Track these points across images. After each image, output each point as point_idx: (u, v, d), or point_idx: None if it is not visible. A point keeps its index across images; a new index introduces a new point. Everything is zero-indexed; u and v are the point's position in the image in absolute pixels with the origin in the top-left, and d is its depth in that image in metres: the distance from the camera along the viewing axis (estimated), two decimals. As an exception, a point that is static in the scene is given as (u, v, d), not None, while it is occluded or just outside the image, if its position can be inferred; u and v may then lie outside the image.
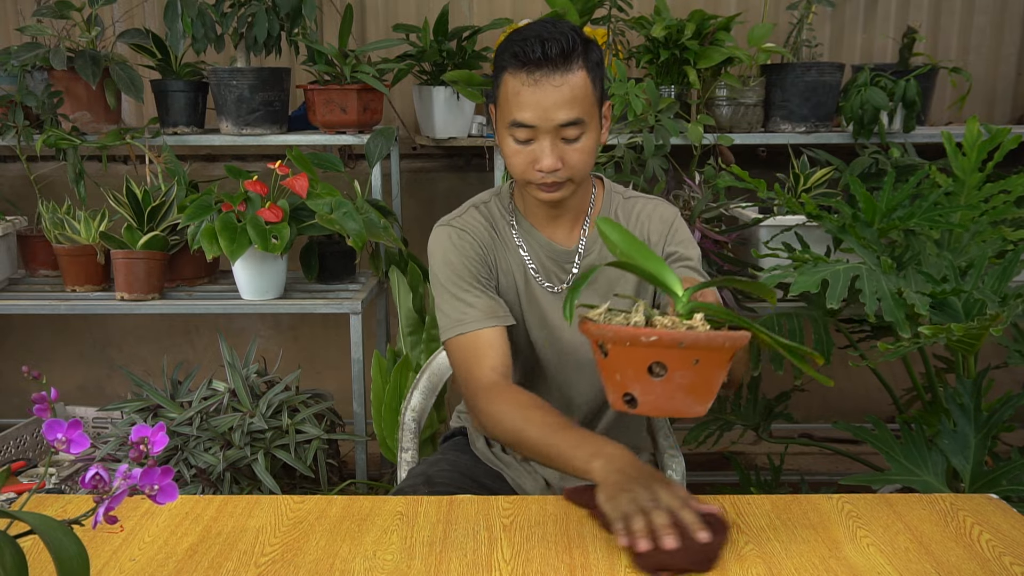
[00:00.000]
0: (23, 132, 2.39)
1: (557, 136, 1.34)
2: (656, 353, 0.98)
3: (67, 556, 0.75)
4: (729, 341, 0.99)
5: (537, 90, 1.31)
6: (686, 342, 0.97)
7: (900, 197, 1.92)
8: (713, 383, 1.02)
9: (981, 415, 1.69)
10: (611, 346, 1.01)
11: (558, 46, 1.29)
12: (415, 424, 1.78)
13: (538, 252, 1.50)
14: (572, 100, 1.31)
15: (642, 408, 1.02)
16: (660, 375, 0.99)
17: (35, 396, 0.83)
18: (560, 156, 1.34)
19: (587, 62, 1.33)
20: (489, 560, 1.08)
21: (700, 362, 0.99)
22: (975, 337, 1.66)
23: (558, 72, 1.31)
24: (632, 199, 1.54)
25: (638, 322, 1.03)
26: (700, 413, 1.03)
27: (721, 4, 2.88)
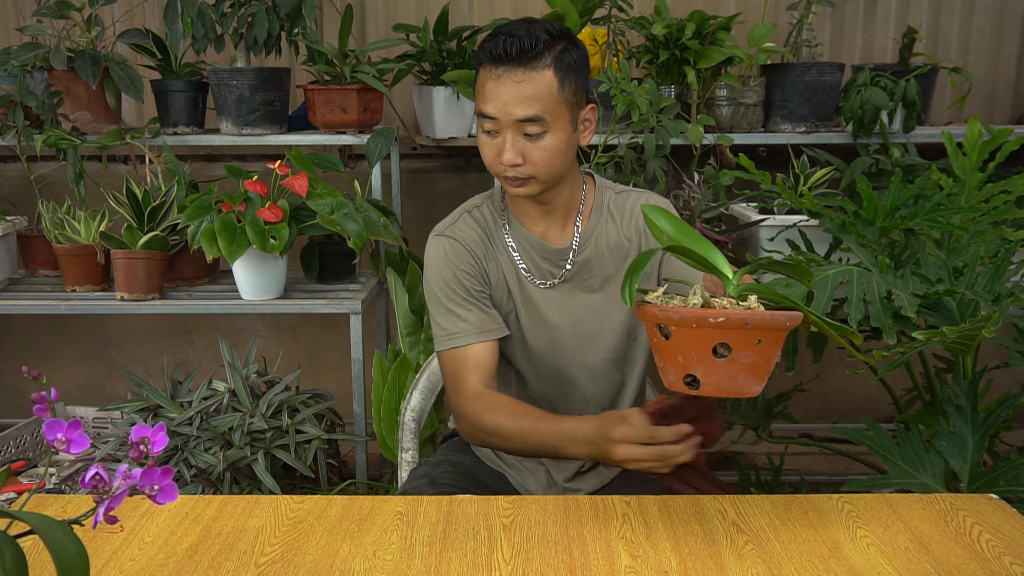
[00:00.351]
0: (23, 132, 2.39)
1: (518, 131, 1.36)
2: (722, 334, 1.01)
3: (67, 556, 0.75)
4: (790, 320, 1.03)
5: (499, 85, 1.35)
6: (752, 322, 1.01)
7: (905, 196, 1.92)
8: (771, 362, 1.06)
9: (978, 416, 1.69)
10: (675, 328, 1.04)
11: (521, 44, 1.33)
12: (415, 424, 1.78)
13: (529, 252, 1.51)
14: (532, 97, 1.34)
15: (704, 389, 1.05)
16: (724, 356, 1.02)
17: (35, 396, 0.83)
18: (521, 152, 1.37)
19: (557, 63, 1.35)
20: (489, 560, 1.08)
21: (762, 342, 1.02)
22: (969, 338, 1.66)
23: (520, 69, 1.34)
24: (623, 193, 1.55)
25: (696, 304, 1.05)
26: (756, 392, 1.06)
27: (721, 4, 2.88)
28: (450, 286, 1.49)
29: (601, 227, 1.52)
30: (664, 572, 1.06)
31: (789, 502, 1.24)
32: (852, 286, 1.73)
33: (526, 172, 1.39)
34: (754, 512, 1.21)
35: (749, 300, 1.06)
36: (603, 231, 1.52)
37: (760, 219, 2.24)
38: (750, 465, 2.84)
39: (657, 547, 1.12)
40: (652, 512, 1.21)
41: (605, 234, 1.52)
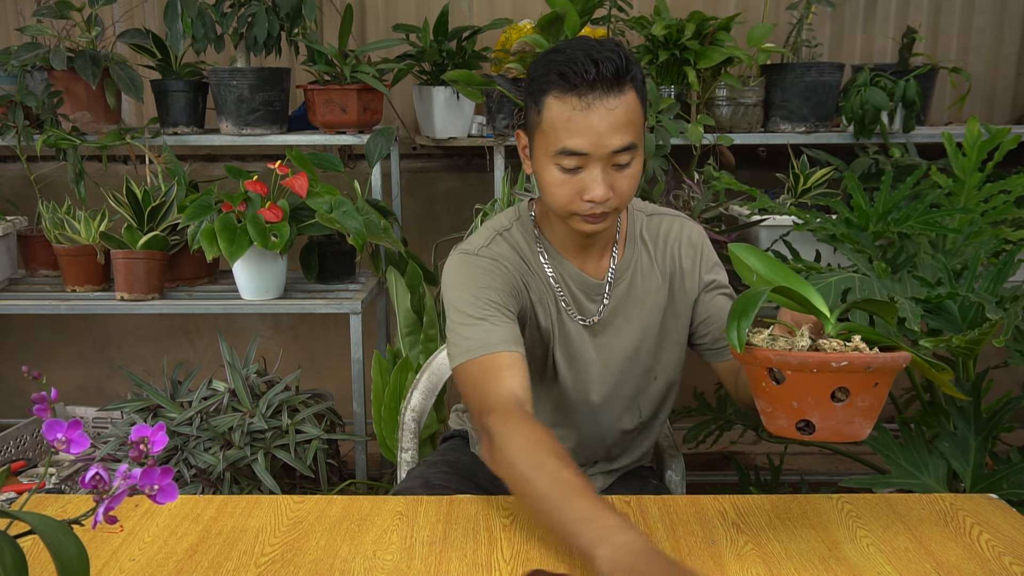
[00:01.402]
0: (23, 132, 2.39)
1: (609, 163, 1.24)
2: (843, 378, 0.98)
3: (67, 556, 0.75)
4: (905, 361, 1.01)
5: (590, 114, 1.20)
6: (874, 365, 0.98)
7: (897, 198, 1.92)
8: (882, 403, 1.03)
9: (981, 417, 1.69)
10: (791, 372, 0.99)
11: (612, 66, 1.20)
12: (415, 424, 1.78)
13: (569, 284, 1.41)
14: (627, 124, 1.22)
15: (819, 434, 1.01)
16: (842, 400, 0.99)
17: (35, 396, 0.83)
18: (611, 184, 1.25)
19: (635, 82, 1.24)
20: (489, 560, 1.08)
21: (879, 384, 1.00)
22: (975, 343, 1.66)
23: (612, 94, 1.21)
24: (655, 216, 1.47)
25: (804, 347, 1.02)
26: (866, 436, 1.03)
27: (721, 4, 2.88)
28: (478, 296, 1.33)
29: (636, 258, 1.44)
30: (664, 572, 1.06)
31: (789, 502, 1.24)
32: (855, 293, 1.71)
33: (612, 205, 1.26)
34: (754, 512, 1.21)
35: (855, 340, 1.02)
36: (638, 262, 1.44)
37: (759, 219, 2.24)
38: (750, 465, 2.84)
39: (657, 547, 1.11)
40: (652, 512, 1.21)
41: (640, 265, 1.44)
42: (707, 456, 2.92)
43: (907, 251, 1.90)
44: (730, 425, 2.47)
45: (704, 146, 2.38)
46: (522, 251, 1.41)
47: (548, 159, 1.26)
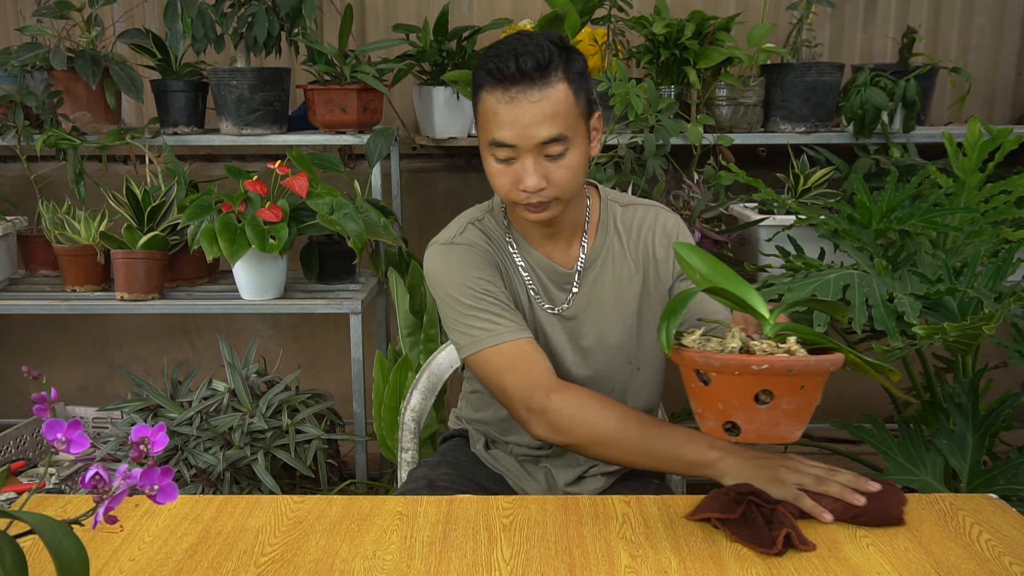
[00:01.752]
0: (23, 132, 2.39)
1: (540, 154, 1.27)
2: (765, 381, 0.98)
3: (67, 556, 0.75)
4: (833, 364, 1.00)
5: (515, 107, 1.25)
6: (796, 368, 0.97)
7: (900, 197, 1.92)
8: (813, 406, 1.02)
9: (979, 415, 1.69)
10: (716, 375, 1.00)
11: (533, 60, 1.23)
12: (415, 424, 1.78)
13: (538, 272, 1.45)
14: (553, 116, 1.25)
15: (745, 436, 1.01)
16: (766, 402, 0.99)
17: (35, 396, 0.83)
18: (544, 174, 1.28)
19: (568, 73, 1.26)
20: (489, 560, 1.08)
21: (805, 387, 0.99)
22: (971, 337, 1.66)
23: (536, 87, 1.24)
24: (630, 207, 1.48)
25: (734, 348, 1.02)
26: (797, 437, 1.03)
27: (721, 4, 2.88)
28: (474, 290, 1.37)
29: (608, 247, 1.45)
30: (664, 572, 1.06)
31: (789, 502, 1.24)
32: (854, 290, 1.71)
33: (549, 195, 1.30)
34: (754, 512, 1.21)
35: (788, 342, 1.02)
36: (610, 251, 1.45)
37: (759, 219, 2.24)
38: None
39: (657, 547, 1.12)
40: (652, 512, 1.21)
41: (612, 254, 1.45)
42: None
43: (908, 249, 1.91)
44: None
45: (704, 146, 2.38)
46: (494, 240, 1.45)
47: (486, 151, 1.31)
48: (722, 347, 1.03)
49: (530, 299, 1.45)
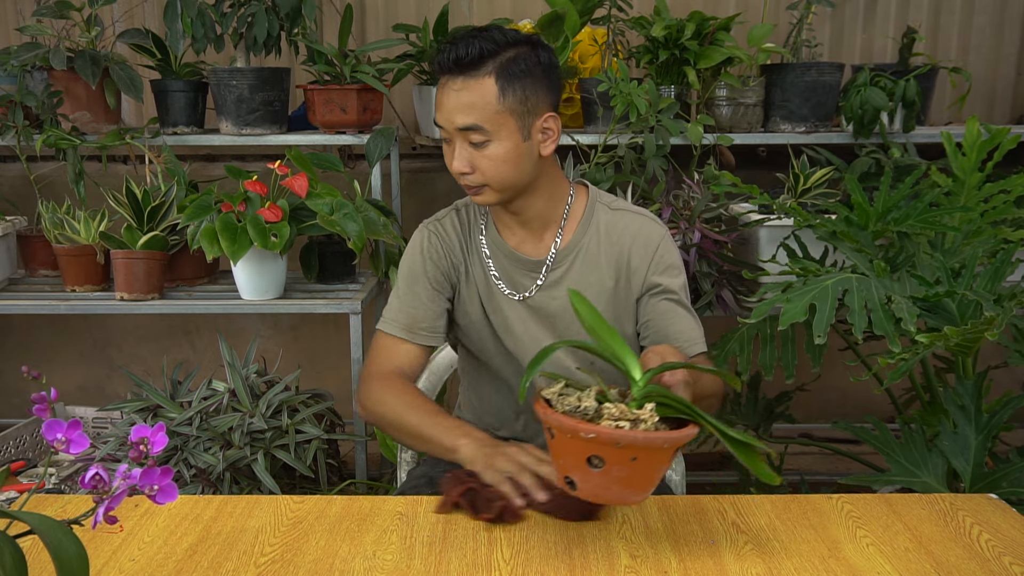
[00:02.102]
0: (23, 132, 2.39)
1: (464, 140, 1.37)
2: (595, 448, 1.01)
3: (67, 556, 0.75)
4: (668, 442, 1.02)
5: (443, 93, 1.36)
6: (623, 442, 0.99)
7: (896, 198, 1.92)
8: (652, 477, 1.05)
9: (981, 416, 1.69)
10: (555, 431, 1.04)
11: (463, 51, 1.33)
12: (415, 424, 1.78)
13: (501, 259, 1.50)
14: (470, 106, 1.34)
15: (580, 493, 1.05)
16: (599, 467, 1.02)
17: (35, 396, 0.83)
18: (469, 160, 1.37)
19: (499, 70, 1.34)
20: (489, 560, 1.08)
21: (638, 459, 1.01)
22: (972, 340, 1.66)
23: (459, 77, 1.34)
24: (618, 211, 1.50)
25: (588, 407, 1.06)
26: (637, 502, 1.07)
27: (721, 4, 2.88)
28: (414, 273, 1.51)
29: (585, 243, 1.48)
30: (664, 572, 1.06)
31: (789, 502, 1.24)
32: (853, 294, 1.71)
33: (477, 180, 1.39)
34: (754, 512, 1.21)
35: (644, 409, 1.04)
36: (585, 249, 1.48)
37: (760, 219, 2.24)
38: (750, 465, 2.84)
39: (657, 547, 1.12)
40: (652, 512, 1.21)
41: (587, 252, 1.48)
42: (707, 456, 2.92)
43: (906, 250, 1.90)
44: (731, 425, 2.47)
45: (704, 146, 2.38)
46: (469, 224, 1.54)
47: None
48: (578, 403, 1.07)
49: (489, 281, 1.50)
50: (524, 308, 1.49)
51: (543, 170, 1.44)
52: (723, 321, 2.28)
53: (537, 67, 1.37)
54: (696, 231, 2.16)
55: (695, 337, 1.46)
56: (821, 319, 1.67)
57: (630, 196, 2.20)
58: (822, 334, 1.66)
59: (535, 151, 1.40)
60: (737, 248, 2.38)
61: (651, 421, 1.03)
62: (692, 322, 1.47)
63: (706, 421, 1.05)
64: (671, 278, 1.47)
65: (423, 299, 1.50)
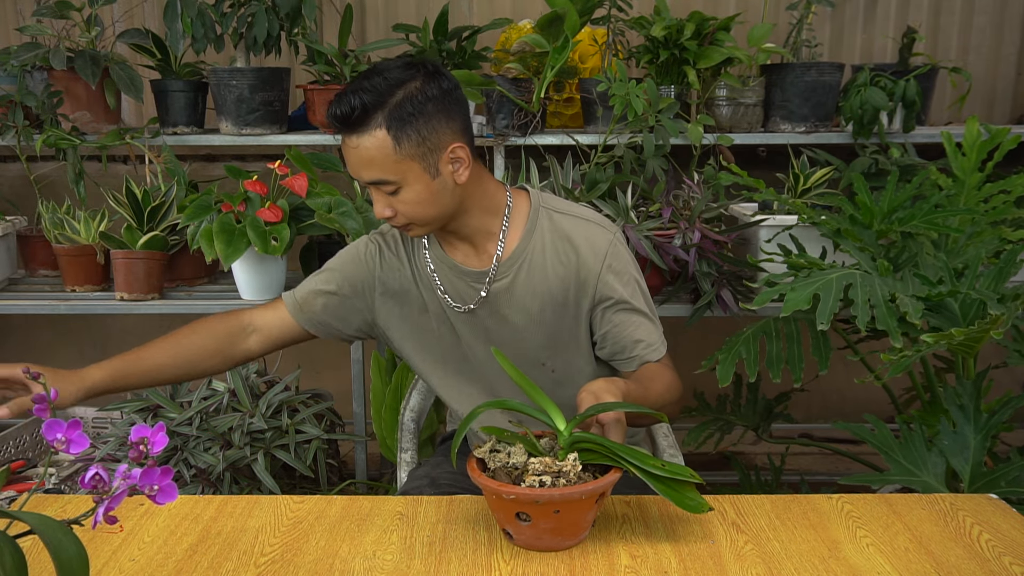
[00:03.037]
0: (23, 132, 2.39)
1: (378, 190, 1.35)
2: (519, 506, 1.07)
3: (67, 556, 0.75)
4: (586, 494, 1.08)
5: (345, 149, 1.33)
6: (542, 499, 1.06)
7: (902, 198, 1.92)
8: (579, 523, 1.11)
9: (981, 416, 1.69)
10: (484, 492, 1.11)
11: (348, 107, 1.28)
12: (414, 424, 1.78)
13: (447, 273, 1.48)
14: (369, 162, 1.31)
15: (517, 544, 1.12)
16: (527, 521, 1.08)
17: (35, 396, 0.83)
18: (388, 204, 1.36)
19: (389, 120, 1.29)
20: (489, 560, 1.08)
21: (561, 512, 1.07)
22: (976, 340, 1.66)
23: (353, 134, 1.31)
24: (563, 216, 1.47)
25: (516, 464, 1.13)
26: (571, 546, 1.12)
27: (721, 4, 2.88)
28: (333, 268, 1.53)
29: (528, 253, 1.45)
30: (664, 572, 1.06)
31: (789, 502, 1.24)
32: (856, 289, 1.71)
33: (401, 221, 1.38)
34: (754, 512, 1.21)
35: (567, 460, 1.11)
36: (530, 257, 1.45)
37: (759, 219, 2.24)
38: (750, 465, 2.84)
39: (657, 547, 1.12)
40: (652, 512, 1.21)
41: (531, 260, 1.45)
42: (707, 456, 2.92)
43: (909, 250, 1.90)
44: (730, 426, 2.47)
45: (704, 146, 2.38)
46: (413, 243, 1.52)
47: None
48: (508, 459, 1.14)
49: (438, 298, 1.49)
50: (468, 318, 1.48)
51: (467, 192, 1.39)
52: (723, 321, 2.28)
53: (428, 103, 1.31)
54: (696, 231, 2.16)
55: (653, 342, 1.46)
56: (825, 308, 1.69)
57: (630, 196, 2.20)
58: (825, 321, 1.67)
59: (449, 183, 1.36)
60: (737, 248, 2.38)
61: (574, 472, 1.10)
62: (649, 327, 1.46)
63: (628, 464, 1.11)
64: (623, 285, 1.45)
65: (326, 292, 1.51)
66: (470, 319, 1.48)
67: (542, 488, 1.07)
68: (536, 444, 1.15)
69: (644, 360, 1.45)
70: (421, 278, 1.49)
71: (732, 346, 1.88)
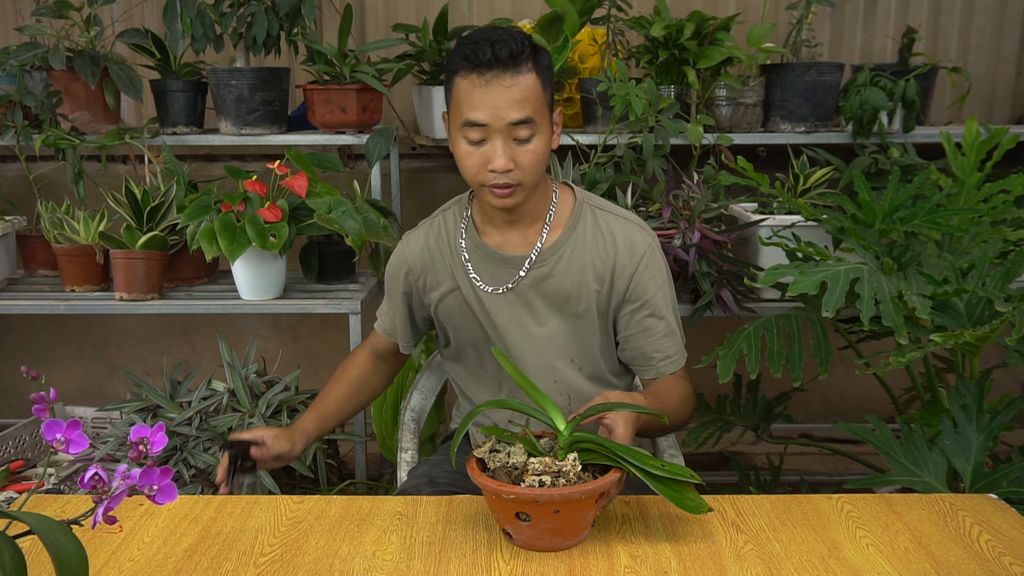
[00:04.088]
0: (22, 132, 2.39)
1: (509, 136, 1.36)
2: (519, 506, 1.09)
3: (66, 556, 0.75)
4: (586, 494, 1.08)
5: (488, 90, 1.34)
6: (542, 499, 1.06)
7: (903, 198, 1.92)
8: (579, 523, 1.11)
9: (983, 416, 1.68)
10: (484, 492, 1.12)
11: (507, 48, 1.33)
12: (415, 424, 1.79)
13: (481, 259, 1.50)
14: (523, 100, 1.34)
15: (516, 543, 1.12)
16: (527, 520, 1.08)
17: (34, 396, 0.83)
18: (512, 156, 1.36)
19: (537, 66, 1.36)
20: (489, 560, 1.08)
21: (561, 512, 1.07)
22: (983, 340, 1.66)
23: (508, 73, 1.34)
24: (606, 214, 1.51)
25: (515, 463, 1.13)
26: (570, 547, 1.12)
27: (721, 4, 2.88)
28: (389, 285, 1.62)
29: (570, 245, 1.48)
30: (664, 572, 1.06)
31: (789, 502, 1.24)
32: (863, 284, 1.71)
33: (516, 178, 1.38)
34: (754, 512, 1.21)
35: (567, 460, 1.11)
36: (571, 250, 1.48)
37: (759, 219, 2.24)
38: (750, 465, 2.84)
39: (657, 547, 1.12)
40: (652, 512, 1.21)
41: (571, 253, 1.48)
42: (707, 456, 2.92)
43: (913, 250, 1.91)
44: (730, 426, 2.47)
45: (704, 146, 2.38)
46: (448, 228, 1.55)
47: (457, 133, 1.39)
48: (508, 459, 1.14)
49: (472, 284, 1.51)
50: (507, 300, 1.50)
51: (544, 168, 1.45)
52: (723, 321, 2.28)
53: (551, 63, 1.41)
54: (696, 231, 2.16)
55: (673, 354, 1.49)
56: (831, 297, 1.69)
57: (630, 196, 2.20)
58: (831, 310, 1.67)
59: (550, 146, 1.42)
60: (737, 248, 2.38)
61: (574, 471, 1.10)
62: (673, 337, 1.49)
63: (628, 464, 1.11)
64: (655, 290, 1.48)
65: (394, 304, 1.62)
66: (503, 300, 1.50)
67: (542, 488, 1.07)
68: (536, 444, 1.16)
69: (662, 371, 1.49)
70: (456, 266, 1.53)
71: (733, 342, 1.88)
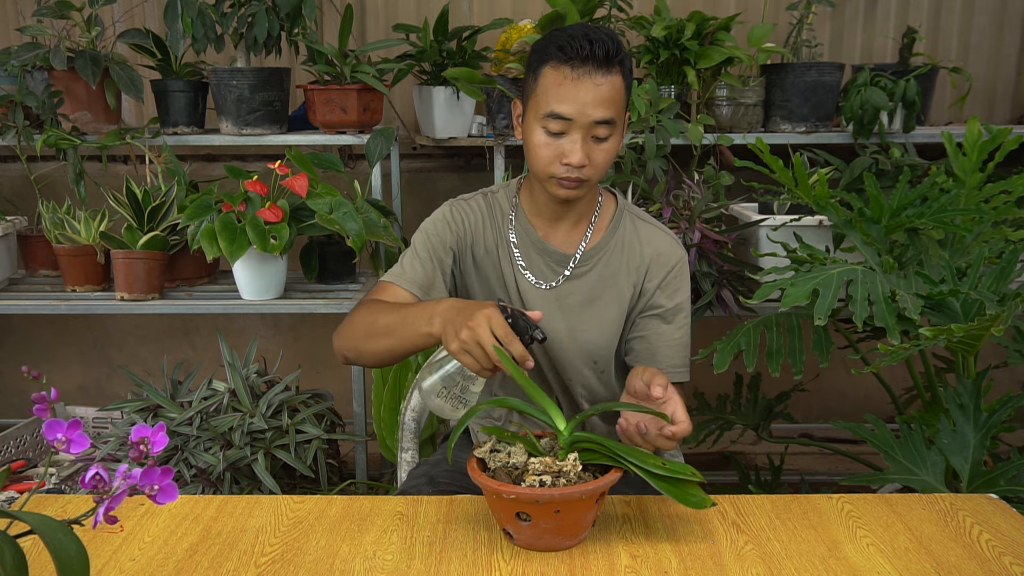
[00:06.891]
0: (23, 132, 2.39)
1: (588, 133, 1.37)
2: (519, 506, 1.07)
3: (67, 556, 0.75)
4: (586, 494, 1.07)
5: (579, 86, 1.34)
6: (543, 499, 1.06)
7: (913, 196, 1.92)
8: (579, 523, 1.11)
9: (981, 415, 1.69)
10: (484, 491, 1.11)
11: (603, 47, 1.34)
12: (415, 424, 1.78)
13: (529, 249, 1.51)
14: (609, 100, 1.35)
15: (518, 543, 1.12)
16: (528, 520, 1.08)
17: (35, 396, 0.83)
18: (588, 153, 1.37)
19: (623, 69, 1.37)
20: (489, 560, 1.08)
21: (561, 512, 1.07)
22: (975, 338, 1.66)
23: (600, 72, 1.34)
24: (645, 223, 1.54)
25: (516, 463, 1.13)
26: (570, 546, 1.12)
27: (721, 4, 2.88)
28: (431, 240, 1.51)
29: (610, 248, 1.51)
30: (664, 572, 1.06)
31: (789, 502, 1.24)
32: (856, 285, 1.72)
33: (586, 174, 1.39)
34: (754, 512, 1.21)
35: (567, 460, 1.11)
36: (611, 254, 1.51)
37: (760, 219, 2.24)
38: (750, 465, 2.84)
39: (657, 547, 1.12)
40: (652, 512, 1.21)
41: (611, 257, 1.51)
42: (707, 456, 2.92)
43: (916, 248, 1.91)
44: (730, 425, 2.47)
45: (704, 146, 2.38)
46: (497, 211, 1.54)
47: (537, 122, 1.39)
48: (508, 459, 1.14)
49: (516, 272, 1.51)
50: (550, 297, 1.51)
51: None
52: (723, 321, 2.28)
53: (632, 68, 1.42)
54: (696, 231, 2.16)
55: (679, 366, 1.50)
56: (823, 304, 1.70)
57: (630, 196, 2.20)
58: (822, 317, 1.68)
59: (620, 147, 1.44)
60: (737, 248, 2.38)
61: (574, 471, 1.10)
62: (680, 351, 1.51)
63: (629, 463, 1.11)
64: (676, 301, 1.50)
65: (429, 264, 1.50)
66: (549, 296, 1.51)
67: (542, 488, 1.07)
68: (536, 444, 1.16)
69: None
70: (502, 247, 1.52)
71: (732, 337, 1.89)
